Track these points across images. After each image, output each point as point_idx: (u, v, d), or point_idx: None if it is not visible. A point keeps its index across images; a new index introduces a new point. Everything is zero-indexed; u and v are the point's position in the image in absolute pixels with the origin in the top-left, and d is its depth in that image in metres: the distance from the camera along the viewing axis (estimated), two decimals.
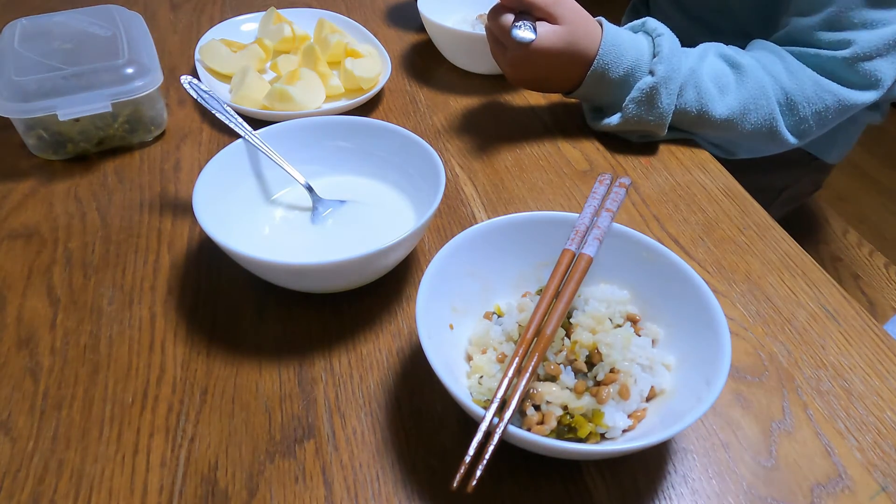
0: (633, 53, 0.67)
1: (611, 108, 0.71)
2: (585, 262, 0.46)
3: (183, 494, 0.41)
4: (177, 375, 0.48)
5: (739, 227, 0.62)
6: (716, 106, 0.69)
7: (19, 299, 0.53)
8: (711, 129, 0.71)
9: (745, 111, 0.69)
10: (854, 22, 0.67)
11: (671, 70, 0.67)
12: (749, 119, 0.69)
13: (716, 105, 0.69)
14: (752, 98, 0.69)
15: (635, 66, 0.67)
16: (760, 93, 0.69)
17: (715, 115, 0.69)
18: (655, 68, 0.67)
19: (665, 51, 0.67)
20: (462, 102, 0.80)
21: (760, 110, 0.69)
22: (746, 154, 0.80)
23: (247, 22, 0.90)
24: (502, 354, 0.45)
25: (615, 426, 0.41)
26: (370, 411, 0.46)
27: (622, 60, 0.67)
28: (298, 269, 0.48)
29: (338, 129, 0.61)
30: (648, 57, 0.68)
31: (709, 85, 0.69)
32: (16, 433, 0.44)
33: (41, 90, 0.63)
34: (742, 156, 0.80)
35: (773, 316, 0.54)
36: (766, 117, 0.69)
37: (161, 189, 0.65)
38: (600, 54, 0.67)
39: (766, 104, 0.69)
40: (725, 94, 0.69)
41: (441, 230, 0.61)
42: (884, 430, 0.45)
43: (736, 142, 0.77)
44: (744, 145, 0.78)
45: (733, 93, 0.69)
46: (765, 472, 0.43)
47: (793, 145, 0.72)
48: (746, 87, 0.69)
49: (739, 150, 0.79)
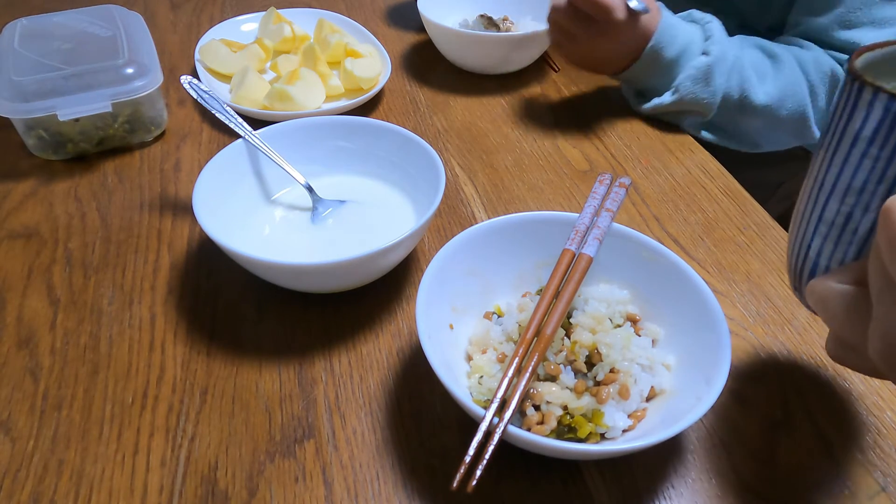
0: (686, 37, 0.71)
1: (654, 90, 0.74)
2: (585, 262, 0.46)
3: (183, 494, 0.41)
4: (177, 375, 0.48)
5: (739, 227, 0.62)
6: (756, 92, 0.72)
7: (19, 299, 0.53)
8: (751, 115, 0.74)
9: (782, 98, 0.73)
10: (864, 21, 0.70)
11: (723, 52, 0.70)
12: (786, 106, 0.73)
13: (756, 91, 0.72)
14: (788, 86, 0.72)
15: (687, 49, 0.71)
16: (795, 81, 0.72)
17: (755, 101, 0.72)
18: (710, 49, 0.70)
19: (716, 34, 0.71)
20: (462, 102, 0.80)
21: (796, 97, 0.73)
22: (770, 146, 0.83)
23: (247, 22, 0.90)
24: (502, 354, 0.45)
25: (615, 426, 0.41)
26: (370, 411, 0.46)
27: (676, 42, 0.70)
28: (298, 269, 0.48)
29: (338, 129, 0.61)
30: (700, 40, 0.72)
31: (749, 72, 0.72)
32: (16, 433, 0.44)
33: (41, 90, 0.63)
34: (766, 148, 0.82)
35: (773, 316, 0.54)
36: (799, 105, 0.73)
37: (161, 189, 0.65)
38: (658, 34, 0.70)
39: (800, 92, 0.73)
40: (764, 82, 0.73)
41: (441, 230, 0.61)
42: (884, 430, 0.45)
43: (767, 133, 0.79)
44: (772, 136, 0.81)
45: (771, 81, 0.73)
46: (765, 472, 0.43)
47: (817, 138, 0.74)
48: (783, 75, 0.73)
49: (766, 142, 0.81)
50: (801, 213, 0.37)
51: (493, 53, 0.82)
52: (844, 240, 0.35)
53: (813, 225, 0.36)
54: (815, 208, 0.36)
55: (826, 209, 0.35)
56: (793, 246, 0.38)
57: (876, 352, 0.28)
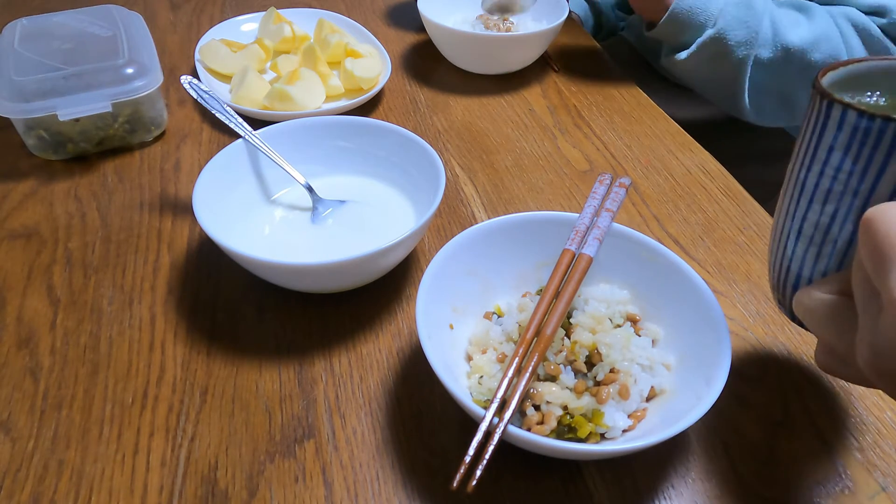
0: None
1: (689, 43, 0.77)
2: (585, 262, 0.46)
3: (183, 494, 0.41)
4: (177, 375, 0.48)
5: (739, 227, 0.62)
6: (790, 34, 0.75)
7: (19, 299, 0.53)
8: (785, 62, 0.76)
9: (816, 41, 0.75)
10: None
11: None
12: (820, 49, 0.75)
13: (789, 33, 0.75)
14: (821, 32, 0.75)
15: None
16: (828, 29, 0.75)
17: (789, 41, 0.75)
18: None
19: None
20: (462, 102, 0.80)
21: (830, 42, 0.75)
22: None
23: (247, 22, 0.90)
24: (502, 354, 0.45)
25: (615, 426, 0.41)
26: (370, 411, 0.46)
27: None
28: (298, 269, 0.48)
29: (338, 129, 0.61)
30: None
31: (782, 16, 0.75)
32: (16, 433, 0.44)
33: (41, 90, 0.63)
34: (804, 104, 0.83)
35: (773, 316, 0.54)
36: (834, 50, 0.75)
37: (161, 189, 0.65)
38: None
39: (833, 38, 0.75)
40: (798, 27, 0.76)
41: (441, 230, 0.61)
42: (884, 430, 0.45)
43: (804, 85, 0.80)
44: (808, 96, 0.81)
45: (805, 26, 0.76)
46: (765, 472, 0.43)
47: None
48: (815, 24, 0.76)
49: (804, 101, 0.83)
50: (779, 228, 0.38)
51: (493, 53, 0.82)
52: (825, 252, 0.35)
53: (793, 238, 0.37)
54: (794, 222, 0.36)
55: (805, 222, 0.35)
56: (774, 260, 0.39)
57: (863, 360, 0.28)
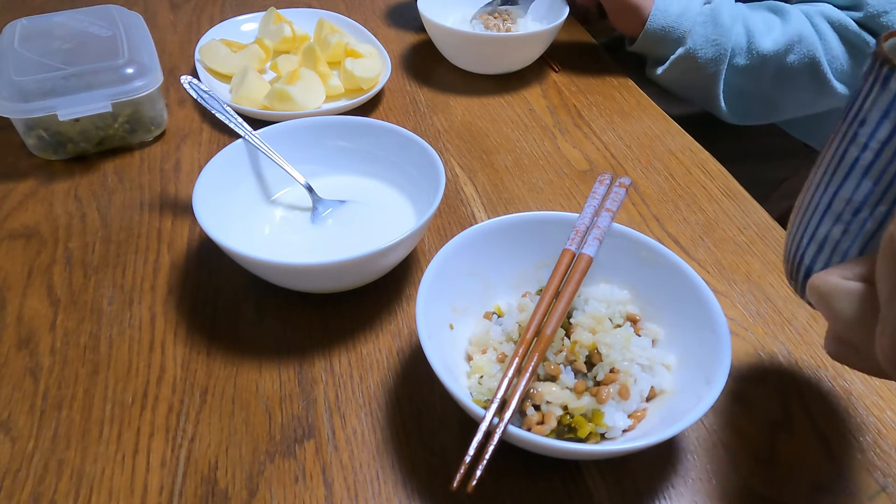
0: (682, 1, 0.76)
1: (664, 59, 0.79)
2: (585, 262, 0.46)
3: (183, 494, 0.41)
4: (177, 375, 0.48)
5: (739, 227, 0.62)
6: (763, 40, 0.75)
7: (19, 299, 0.53)
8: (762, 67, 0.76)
9: (789, 44, 0.75)
10: None
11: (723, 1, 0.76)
12: (794, 51, 0.75)
13: (763, 39, 0.75)
14: (795, 33, 0.75)
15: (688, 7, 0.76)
16: (802, 29, 0.75)
17: (763, 48, 0.75)
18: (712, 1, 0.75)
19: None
20: (462, 102, 0.80)
21: (804, 43, 0.75)
22: (793, 108, 0.85)
23: (247, 22, 0.90)
24: (502, 354, 0.45)
25: (615, 426, 0.41)
26: (370, 411, 0.46)
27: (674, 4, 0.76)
28: (298, 269, 0.48)
29: (338, 129, 0.61)
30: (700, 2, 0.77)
31: (755, 21, 0.76)
32: (16, 433, 0.44)
33: (41, 90, 0.63)
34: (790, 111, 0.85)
35: (773, 316, 0.54)
36: (809, 50, 0.75)
37: (161, 189, 0.65)
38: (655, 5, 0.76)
39: (808, 37, 0.75)
40: (771, 31, 0.76)
41: (441, 230, 0.61)
42: (884, 430, 0.45)
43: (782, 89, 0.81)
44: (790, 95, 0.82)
45: (779, 29, 0.76)
46: (765, 472, 0.43)
47: (841, 93, 0.76)
48: (790, 25, 0.76)
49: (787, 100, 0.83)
50: (807, 201, 0.35)
51: (493, 53, 0.82)
52: (852, 230, 0.33)
53: (820, 213, 0.34)
54: (825, 196, 0.33)
55: (836, 197, 0.33)
56: (794, 232, 0.36)
57: (884, 353, 0.27)
